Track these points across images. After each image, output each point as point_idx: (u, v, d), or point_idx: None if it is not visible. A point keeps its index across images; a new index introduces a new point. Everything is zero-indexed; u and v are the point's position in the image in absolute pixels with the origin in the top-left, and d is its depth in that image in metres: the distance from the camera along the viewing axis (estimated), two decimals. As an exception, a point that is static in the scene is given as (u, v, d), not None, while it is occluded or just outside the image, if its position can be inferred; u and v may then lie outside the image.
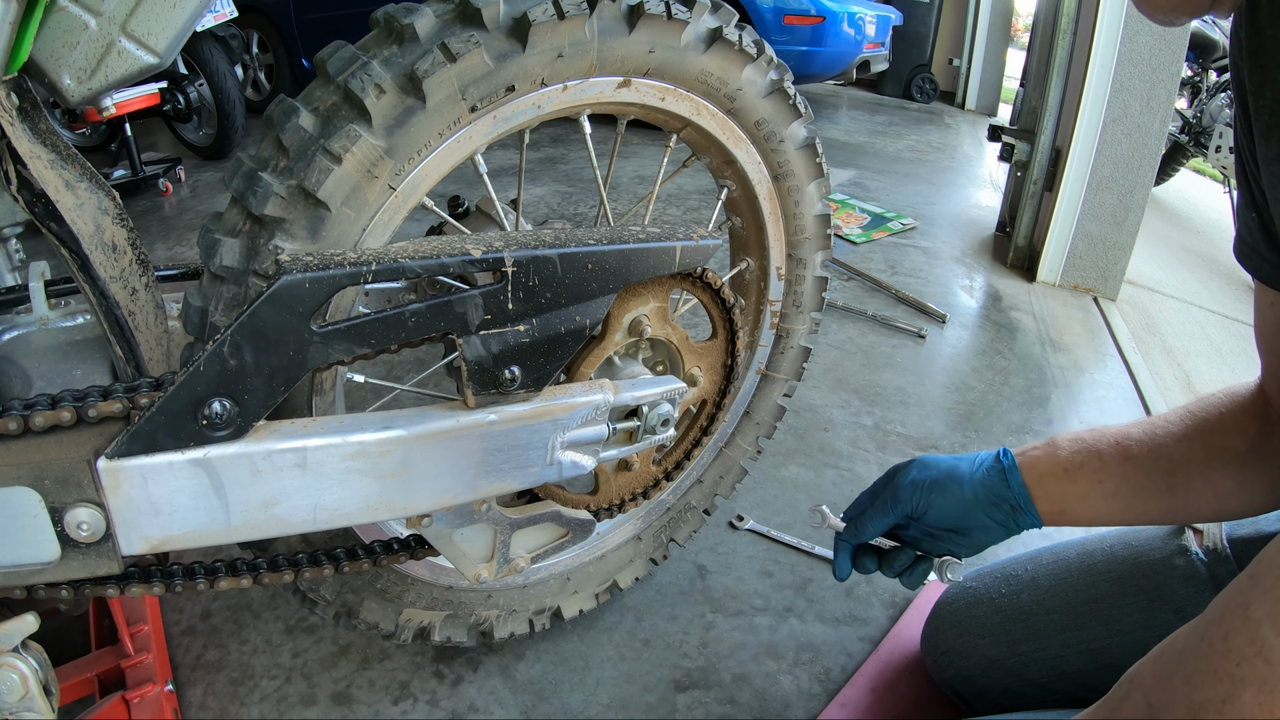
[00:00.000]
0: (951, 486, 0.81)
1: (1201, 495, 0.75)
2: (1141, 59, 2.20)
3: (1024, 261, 2.63)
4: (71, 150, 0.65)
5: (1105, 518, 0.80)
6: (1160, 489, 0.76)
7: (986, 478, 0.81)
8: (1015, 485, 0.80)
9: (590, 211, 2.92)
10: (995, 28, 5.98)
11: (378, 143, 0.66)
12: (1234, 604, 0.44)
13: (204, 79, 3.25)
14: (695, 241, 0.70)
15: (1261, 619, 0.42)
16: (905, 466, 0.85)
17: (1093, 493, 0.78)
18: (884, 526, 0.84)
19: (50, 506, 0.53)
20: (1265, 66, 0.54)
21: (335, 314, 0.70)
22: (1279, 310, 0.69)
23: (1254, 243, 0.66)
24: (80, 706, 0.91)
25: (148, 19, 0.62)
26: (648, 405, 0.75)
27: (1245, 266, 0.69)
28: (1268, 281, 0.67)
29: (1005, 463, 0.81)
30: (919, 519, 0.83)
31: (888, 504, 0.83)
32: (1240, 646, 0.42)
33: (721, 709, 1.01)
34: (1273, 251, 0.64)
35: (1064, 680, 0.87)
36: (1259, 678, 0.41)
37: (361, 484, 0.62)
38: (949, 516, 0.81)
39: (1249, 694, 0.42)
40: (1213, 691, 0.43)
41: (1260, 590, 0.43)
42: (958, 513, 0.81)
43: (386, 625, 0.91)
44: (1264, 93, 0.55)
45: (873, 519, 0.84)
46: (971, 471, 0.81)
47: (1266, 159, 0.57)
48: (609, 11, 0.74)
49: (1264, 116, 0.56)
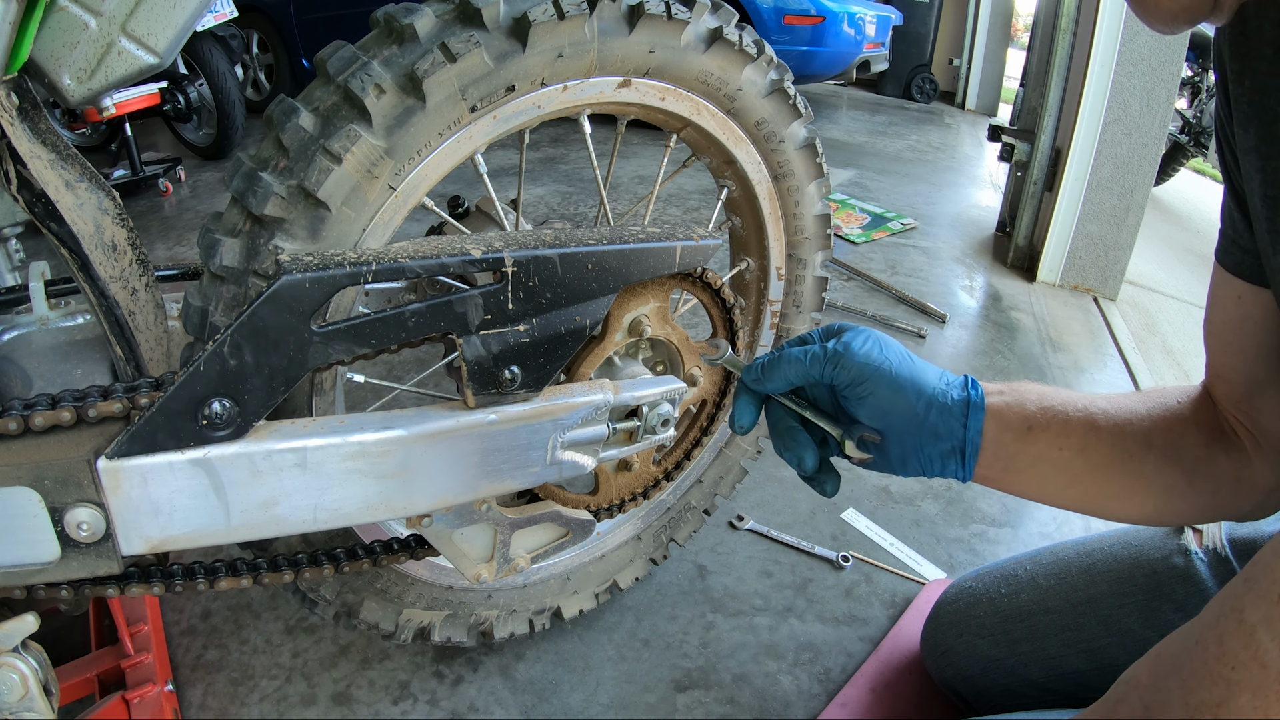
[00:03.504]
0: (906, 387, 0.67)
1: (1150, 486, 0.69)
2: (1141, 59, 2.20)
3: (1024, 261, 2.63)
4: (71, 150, 0.66)
5: (1042, 490, 0.71)
6: (1114, 470, 0.69)
7: (946, 404, 0.68)
8: (972, 430, 0.68)
9: (590, 211, 2.92)
10: (995, 28, 5.98)
11: (378, 143, 0.66)
12: (1229, 607, 0.44)
13: (204, 79, 3.25)
14: (695, 241, 0.70)
15: (1256, 623, 0.42)
16: (860, 332, 0.70)
17: (1045, 459, 0.69)
18: (799, 380, 0.70)
19: (50, 506, 0.53)
20: (1247, 55, 0.54)
21: (335, 314, 0.70)
22: (1245, 305, 0.65)
23: (1235, 235, 0.64)
24: (80, 706, 0.91)
25: (148, 19, 0.62)
26: (648, 405, 0.75)
27: (1223, 262, 0.66)
28: (1244, 275, 0.64)
29: (973, 397, 0.69)
30: (845, 397, 0.69)
31: (821, 360, 0.68)
32: (1235, 650, 0.42)
33: (721, 709, 1.01)
34: (1252, 241, 0.62)
35: (1063, 680, 0.87)
36: (1254, 681, 0.41)
37: (361, 484, 0.62)
38: (882, 418, 0.68)
39: (1244, 697, 0.41)
40: (1208, 695, 0.43)
41: (1255, 593, 0.43)
42: (898, 423, 0.68)
43: (386, 625, 0.91)
44: (1244, 82, 0.56)
45: (793, 365, 0.69)
46: (935, 389, 0.68)
47: (1244, 148, 0.57)
48: (609, 12, 0.74)
49: (1243, 105, 0.56)
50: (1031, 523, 1.40)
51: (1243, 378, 0.67)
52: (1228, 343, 0.67)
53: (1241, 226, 0.63)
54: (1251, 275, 0.64)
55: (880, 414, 0.68)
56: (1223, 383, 0.69)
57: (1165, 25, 0.53)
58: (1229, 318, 0.67)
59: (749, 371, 0.72)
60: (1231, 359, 0.68)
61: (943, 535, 1.35)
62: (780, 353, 0.71)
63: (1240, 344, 0.66)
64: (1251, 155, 0.56)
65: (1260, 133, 0.55)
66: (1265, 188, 0.55)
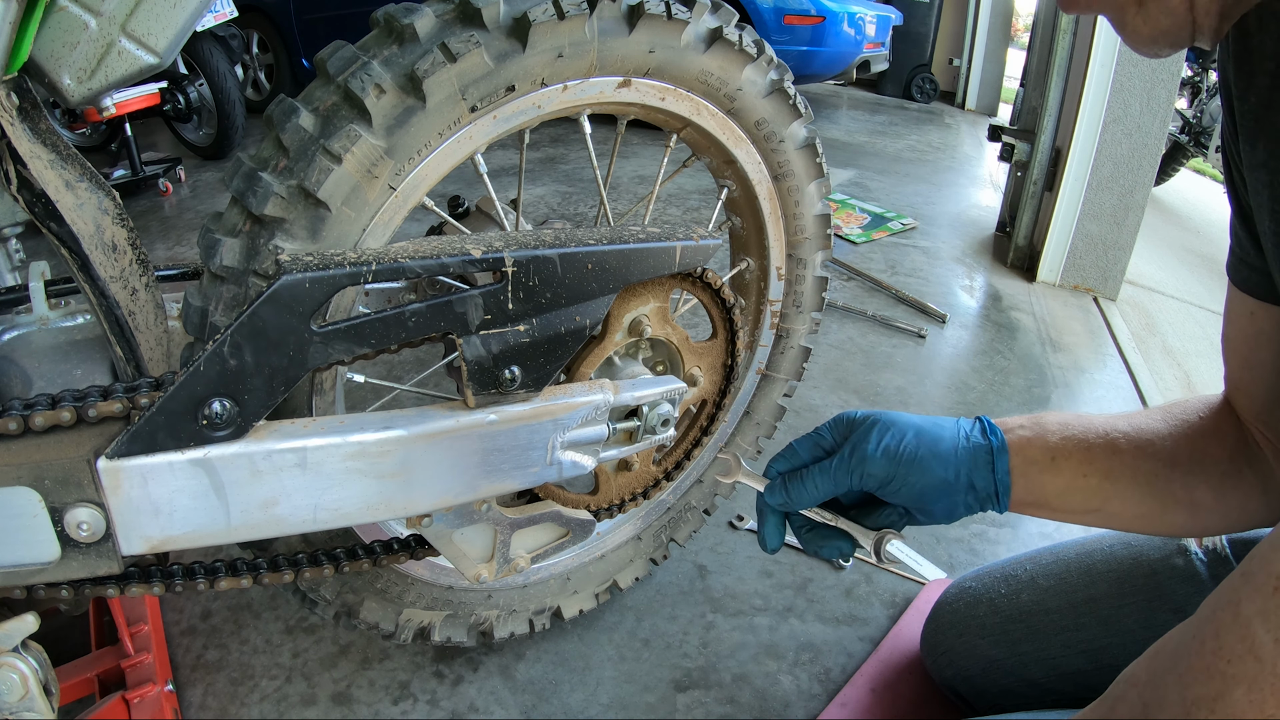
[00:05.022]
0: (933, 464, 0.70)
1: (1179, 503, 0.70)
2: (1141, 59, 2.20)
3: (1024, 261, 2.63)
4: (71, 150, 0.65)
5: (1074, 515, 0.74)
6: (1141, 491, 0.71)
7: (972, 458, 0.71)
8: (1000, 472, 0.71)
9: (590, 211, 2.92)
10: (995, 28, 5.98)
11: (378, 143, 0.66)
12: (1225, 601, 0.44)
13: (204, 79, 3.25)
14: (695, 241, 0.70)
15: (1252, 615, 0.41)
16: (866, 427, 0.72)
17: (1073, 488, 0.71)
18: (826, 496, 0.71)
19: (50, 506, 0.53)
20: (1251, 72, 0.54)
21: (335, 314, 0.70)
22: (1258, 321, 0.66)
23: (1242, 253, 0.64)
24: (80, 706, 0.91)
25: (148, 19, 0.62)
26: (648, 405, 0.75)
27: (1234, 280, 0.66)
28: (1255, 293, 0.65)
29: (994, 443, 0.72)
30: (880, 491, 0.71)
31: (845, 471, 0.70)
32: (1231, 644, 0.42)
33: (721, 709, 1.01)
34: (1260, 259, 0.62)
35: (1064, 680, 0.87)
36: (1249, 675, 0.41)
37: (361, 484, 0.62)
38: (919, 496, 0.70)
39: (1239, 691, 0.41)
40: (1204, 689, 0.43)
41: (1251, 587, 0.42)
42: (932, 494, 0.70)
43: (386, 625, 0.91)
44: (1248, 98, 0.55)
45: (818, 483, 0.70)
46: (955, 447, 0.71)
47: (1251, 164, 0.57)
48: (609, 11, 0.74)
49: (1248, 122, 0.56)
50: (1031, 523, 1.40)
51: (1261, 391, 0.68)
52: (1245, 358, 0.69)
53: (1248, 244, 0.63)
54: (1262, 293, 0.64)
55: (915, 496, 0.71)
56: (1243, 395, 0.70)
57: (1146, 48, 0.52)
58: (1244, 333, 0.68)
59: (772, 495, 0.73)
60: (1250, 373, 0.69)
61: (943, 535, 1.34)
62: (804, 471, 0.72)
63: (1257, 358, 0.67)
64: (1260, 171, 0.55)
65: (1269, 148, 0.54)
66: (1274, 203, 0.55)
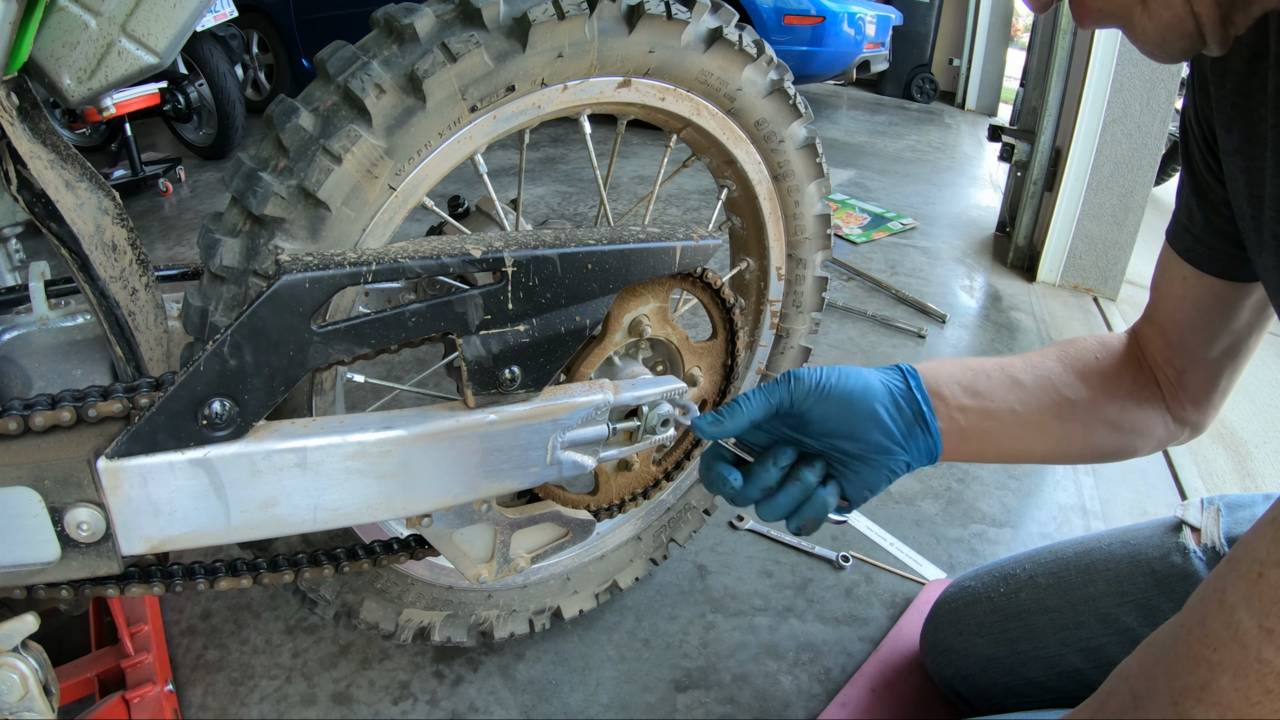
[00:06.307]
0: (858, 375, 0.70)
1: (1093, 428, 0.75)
2: (1141, 59, 2.20)
3: (1024, 261, 2.63)
4: (71, 150, 0.66)
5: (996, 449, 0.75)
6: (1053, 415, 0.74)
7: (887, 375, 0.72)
8: (916, 386, 0.72)
9: (590, 211, 2.92)
10: (995, 28, 5.98)
11: (378, 143, 0.66)
12: (1211, 589, 0.44)
13: (204, 79, 3.25)
14: (695, 241, 0.70)
15: (1236, 602, 0.41)
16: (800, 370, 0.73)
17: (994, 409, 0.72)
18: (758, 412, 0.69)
19: (50, 506, 0.53)
20: (1226, 58, 0.54)
21: (335, 314, 0.70)
22: (1188, 286, 0.71)
23: (1189, 224, 0.69)
24: (80, 706, 0.91)
25: (148, 19, 0.62)
26: (648, 405, 0.75)
27: (1175, 246, 0.72)
28: (1196, 263, 0.70)
29: (904, 367, 0.74)
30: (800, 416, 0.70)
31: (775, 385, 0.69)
32: (1216, 630, 0.42)
33: (721, 709, 1.01)
34: (1211, 236, 0.67)
35: (1063, 678, 0.87)
36: (1234, 662, 0.41)
37: (361, 484, 0.62)
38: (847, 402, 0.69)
39: (1225, 679, 0.41)
40: (1191, 678, 0.43)
41: (1235, 574, 0.42)
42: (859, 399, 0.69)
43: (386, 625, 0.91)
44: (1224, 84, 0.56)
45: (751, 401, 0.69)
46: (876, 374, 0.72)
47: (1227, 149, 0.58)
48: (609, 11, 0.74)
49: (1225, 108, 0.57)
50: (1031, 523, 1.40)
51: (1177, 339, 0.74)
52: (1171, 309, 0.74)
53: (1199, 219, 0.68)
54: (1198, 262, 0.69)
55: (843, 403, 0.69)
56: (1159, 334, 0.76)
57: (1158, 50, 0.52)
58: (1173, 292, 0.73)
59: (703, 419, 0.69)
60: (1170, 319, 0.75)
61: (943, 535, 1.35)
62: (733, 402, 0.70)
63: (1181, 314, 0.73)
64: (1235, 156, 0.57)
65: (1244, 134, 0.56)
66: (1250, 187, 0.56)
